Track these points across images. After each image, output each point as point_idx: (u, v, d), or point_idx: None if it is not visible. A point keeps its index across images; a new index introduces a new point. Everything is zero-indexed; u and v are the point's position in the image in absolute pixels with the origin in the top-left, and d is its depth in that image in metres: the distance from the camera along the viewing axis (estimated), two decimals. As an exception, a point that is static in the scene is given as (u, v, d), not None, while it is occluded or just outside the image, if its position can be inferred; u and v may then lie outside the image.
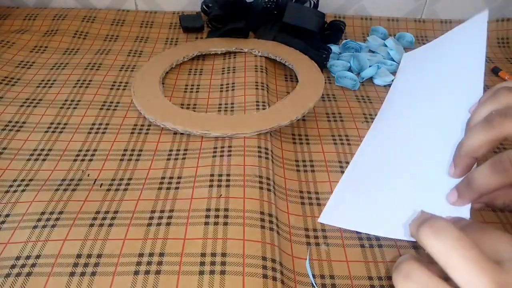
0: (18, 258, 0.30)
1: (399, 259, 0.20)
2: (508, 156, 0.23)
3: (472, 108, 0.29)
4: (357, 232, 0.34)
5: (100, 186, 0.36)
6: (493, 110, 0.25)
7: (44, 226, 0.32)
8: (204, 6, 0.65)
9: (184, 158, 0.40)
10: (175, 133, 0.43)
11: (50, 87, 0.50)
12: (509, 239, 0.19)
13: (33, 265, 0.29)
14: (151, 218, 0.33)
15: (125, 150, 0.41)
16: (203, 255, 0.30)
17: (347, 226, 0.33)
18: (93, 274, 0.29)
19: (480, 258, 0.17)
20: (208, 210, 0.34)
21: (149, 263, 0.30)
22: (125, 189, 0.36)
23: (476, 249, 0.17)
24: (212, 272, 0.29)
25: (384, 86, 0.54)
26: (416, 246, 0.33)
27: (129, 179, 0.37)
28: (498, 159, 0.23)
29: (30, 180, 0.37)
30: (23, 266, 0.29)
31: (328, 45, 0.57)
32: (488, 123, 0.24)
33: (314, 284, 0.30)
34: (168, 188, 0.36)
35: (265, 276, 0.29)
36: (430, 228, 0.19)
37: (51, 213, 0.33)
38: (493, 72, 0.58)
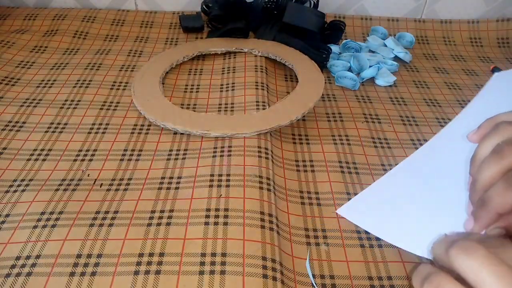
0: (18, 258, 0.30)
1: (421, 267, 0.20)
2: None
3: (470, 134, 0.29)
4: (357, 232, 0.34)
5: (100, 186, 0.36)
6: (500, 142, 0.25)
7: (44, 226, 0.32)
8: (204, 6, 0.65)
9: (184, 158, 0.40)
10: (175, 133, 0.43)
11: (50, 87, 0.50)
12: None
13: (33, 265, 0.29)
14: (151, 218, 0.33)
15: (125, 150, 0.41)
16: (203, 255, 0.30)
17: (364, 226, 0.34)
18: (93, 274, 0.29)
19: (508, 273, 0.18)
20: (208, 210, 0.34)
21: (149, 263, 0.30)
22: (125, 189, 0.36)
23: (505, 266, 0.18)
24: (212, 272, 0.29)
25: (385, 86, 0.54)
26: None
27: (129, 179, 0.37)
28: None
29: (30, 180, 0.37)
30: (23, 266, 0.29)
31: (328, 45, 0.57)
32: (497, 154, 0.24)
33: (314, 284, 0.30)
34: (168, 188, 0.36)
35: (265, 276, 0.29)
36: (460, 248, 0.20)
37: (51, 213, 0.33)
38: (493, 72, 0.58)
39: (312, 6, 0.62)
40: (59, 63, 0.55)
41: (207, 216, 0.33)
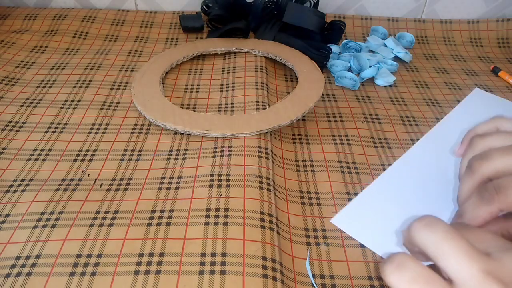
0: (18, 258, 0.30)
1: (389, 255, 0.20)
2: (493, 185, 0.24)
3: (456, 148, 0.31)
4: (357, 232, 0.34)
5: (100, 186, 0.36)
6: (471, 158, 0.27)
7: (44, 226, 0.32)
8: (204, 6, 0.65)
9: (184, 158, 0.40)
10: (175, 133, 0.43)
11: (50, 87, 0.50)
12: (492, 235, 0.20)
13: (33, 265, 0.29)
14: (151, 218, 0.33)
15: (125, 150, 0.41)
16: (203, 255, 0.30)
17: (356, 236, 0.34)
18: (93, 274, 0.29)
19: (468, 248, 0.18)
20: (208, 210, 0.34)
21: (149, 263, 0.30)
22: (125, 189, 0.36)
23: (465, 241, 0.18)
24: (212, 272, 0.29)
25: (385, 86, 0.54)
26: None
27: (129, 179, 0.37)
28: (484, 188, 0.24)
29: (30, 180, 0.37)
30: (23, 266, 0.29)
31: (328, 45, 0.57)
32: (469, 170, 0.26)
33: (314, 284, 0.30)
34: (168, 188, 0.36)
35: (265, 276, 0.29)
36: (421, 222, 0.20)
37: (51, 213, 0.33)
38: (493, 72, 0.58)
39: (312, 6, 0.62)
40: (59, 63, 0.55)
41: (207, 216, 0.33)
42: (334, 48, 0.60)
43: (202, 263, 0.30)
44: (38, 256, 0.30)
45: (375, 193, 0.37)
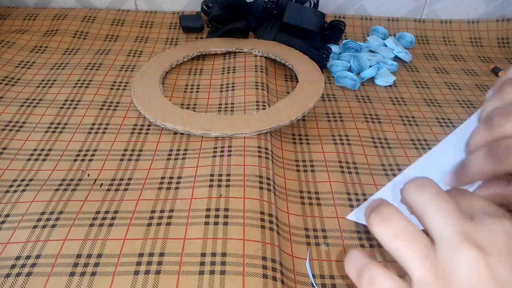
0: (18, 258, 0.30)
1: (352, 255, 0.20)
2: (506, 144, 0.22)
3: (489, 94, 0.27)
4: (357, 232, 0.34)
5: (100, 186, 0.36)
6: (494, 108, 0.24)
7: (44, 226, 0.32)
8: (204, 6, 0.65)
9: (184, 158, 0.40)
10: (175, 133, 0.43)
11: (50, 87, 0.50)
12: (484, 201, 0.20)
13: (33, 265, 0.29)
14: (151, 218, 0.33)
15: (125, 150, 0.41)
16: (203, 255, 0.30)
17: None
18: (93, 274, 0.29)
19: (452, 209, 0.18)
20: (208, 210, 0.34)
21: (149, 263, 0.30)
22: (125, 189, 0.36)
23: (450, 202, 0.18)
24: (212, 272, 0.29)
25: (385, 86, 0.54)
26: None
27: (129, 179, 0.37)
28: (495, 144, 0.23)
29: (30, 180, 0.37)
30: (23, 266, 0.29)
31: (328, 45, 0.57)
32: (488, 123, 0.24)
33: (314, 284, 0.30)
34: (168, 188, 0.36)
35: (265, 276, 0.29)
36: (413, 183, 0.20)
37: (51, 213, 0.33)
38: (493, 72, 0.58)
39: (312, 6, 0.62)
40: (59, 63, 0.55)
41: (207, 216, 0.33)
42: (334, 48, 0.60)
43: (202, 263, 0.30)
44: (38, 256, 0.30)
45: (395, 188, 0.37)
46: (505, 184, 0.24)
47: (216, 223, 0.33)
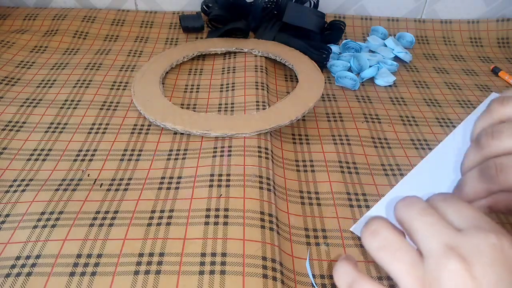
0: (18, 258, 0.30)
1: (342, 267, 0.21)
2: (495, 162, 0.23)
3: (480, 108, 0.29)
4: (357, 232, 0.34)
5: (100, 186, 0.36)
6: (482, 129, 0.25)
7: (44, 226, 0.32)
8: (204, 6, 0.65)
9: (184, 158, 0.40)
10: (175, 133, 0.43)
11: (50, 87, 0.50)
12: (475, 212, 0.20)
13: (33, 265, 0.29)
14: (151, 218, 0.33)
15: (125, 150, 0.41)
16: (203, 255, 0.30)
17: None
18: (93, 274, 0.29)
19: (438, 222, 0.19)
20: (208, 210, 0.34)
21: (149, 263, 0.30)
22: (125, 189, 0.36)
23: (437, 216, 0.19)
24: (212, 272, 0.29)
25: (385, 86, 0.54)
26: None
27: (129, 179, 0.37)
28: (486, 165, 0.24)
29: (30, 180, 0.37)
30: (23, 266, 0.29)
31: (328, 45, 0.57)
32: (477, 143, 0.25)
33: (314, 284, 0.30)
34: (168, 188, 0.36)
35: (265, 276, 0.29)
36: (402, 202, 0.21)
37: (51, 213, 0.33)
38: (493, 72, 0.58)
39: (312, 6, 0.62)
40: (59, 63, 0.55)
41: (207, 216, 0.33)
42: (334, 48, 0.60)
43: (202, 263, 0.30)
44: (38, 256, 0.30)
45: (394, 199, 0.37)
46: (507, 193, 0.24)
47: (216, 223, 0.33)
